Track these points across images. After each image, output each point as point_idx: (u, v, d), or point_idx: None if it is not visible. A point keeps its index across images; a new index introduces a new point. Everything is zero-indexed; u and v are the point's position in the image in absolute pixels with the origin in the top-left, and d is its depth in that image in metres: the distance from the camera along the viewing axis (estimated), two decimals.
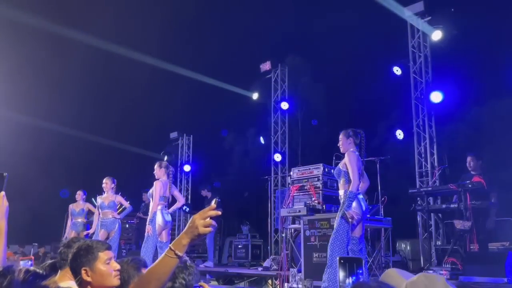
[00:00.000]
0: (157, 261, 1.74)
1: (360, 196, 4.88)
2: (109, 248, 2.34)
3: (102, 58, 17.05)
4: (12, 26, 15.09)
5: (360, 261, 1.61)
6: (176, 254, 1.72)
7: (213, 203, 1.75)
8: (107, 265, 2.24)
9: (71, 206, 9.20)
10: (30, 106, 15.81)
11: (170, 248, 1.73)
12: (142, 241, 6.83)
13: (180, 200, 7.24)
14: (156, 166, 6.89)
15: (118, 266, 2.29)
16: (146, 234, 6.59)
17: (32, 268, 2.37)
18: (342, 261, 1.52)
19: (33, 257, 3.02)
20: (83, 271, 2.21)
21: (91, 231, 8.28)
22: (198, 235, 1.72)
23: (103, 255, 2.26)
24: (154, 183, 6.76)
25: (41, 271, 2.36)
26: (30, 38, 16.19)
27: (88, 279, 2.21)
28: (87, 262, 2.22)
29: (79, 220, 9.03)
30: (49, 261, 2.73)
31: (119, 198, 8.19)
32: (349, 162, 4.83)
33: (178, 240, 1.74)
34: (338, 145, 5.08)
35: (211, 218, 1.73)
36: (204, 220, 1.71)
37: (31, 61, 16.12)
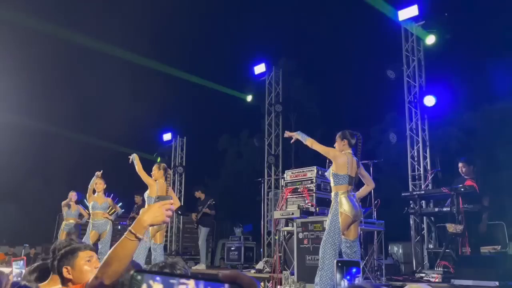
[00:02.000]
0: (117, 243, 1.80)
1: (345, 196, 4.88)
2: (91, 249, 2.45)
3: (96, 60, 17.00)
4: (8, 27, 15.01)
5: (357, 264, 1.61)
6: (136, 237, 1.78)
7: (173, 200, 1.86)
8: (87, 262, 2.35)
9: (65, 208, 9.13)
10: (22, 107, 15.73)
11: (130, 231, 1.78)
12: None
13: (176, 203, 7.18)
14: (154, 167, 6.80)
15: (99, 264, 2.33)
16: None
17: (23, 282, 2.38)
18: (339, 264, 1.51)
19: (25, 258, 3.00)
20: (64, 270, 2.33)
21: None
22: (162, 221, 1.83)
23: (83, 254, 2.37)
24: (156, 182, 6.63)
25: (29, 284, 2.38)
26: (27, 39, 16.12)
27: (69, 276, 2.32)
28: (68, 261, 2.33)
29: (71, 221, 8.97)
30: (36, 264, 2.72)
31: (110, 201, 8.14)
32: (329, 149, 4.95)
33: (139, 223, 1.80)
34: (334, 146, 5.07)
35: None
36: (166, 210, 1.82)
37: (24, 62, 16.04)
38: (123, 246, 1.79)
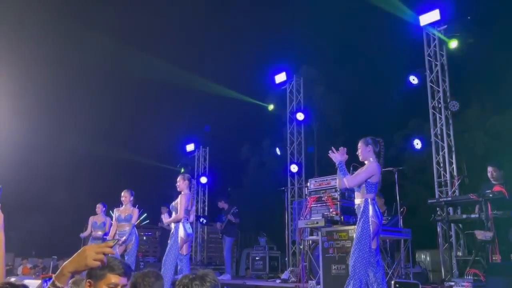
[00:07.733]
0: None
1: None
2: (124, 274, 2.21)
3: (117, 71, 17.30)
4: (27, 44, 15.41)
5: (417, 286, 1.57)
6: (55, 286, 1.65)
7: (110, 243, 1.75)
8: None
9: (92, 219, 9.26)
10: (48, 121, 16.09)
11: (53, 281, 1.67)
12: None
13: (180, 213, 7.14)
14: (179, 179, 6.79)
15: None
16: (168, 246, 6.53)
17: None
18: (397, 285, 1.47)
19: (53, 275, 3.04)
20: (87, 283, 2.16)
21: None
22: (85, 266, 1.68)
23: (112, 277, 2.14)
24: (180, 195, 6.62)
25: None
26: (50, 54, 16.53)
27: None
28: (95, 276, 2.14)
29: (99, 233, 9.08)
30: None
31: (135, 212, 8.18)
32: (366, 168, 4.76)
33: (60, 271, 1.67)
34: (357, 153, 4.98)
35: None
36: (96, 254, 1.68)
37: (49, 77, 16.44)
38: None
